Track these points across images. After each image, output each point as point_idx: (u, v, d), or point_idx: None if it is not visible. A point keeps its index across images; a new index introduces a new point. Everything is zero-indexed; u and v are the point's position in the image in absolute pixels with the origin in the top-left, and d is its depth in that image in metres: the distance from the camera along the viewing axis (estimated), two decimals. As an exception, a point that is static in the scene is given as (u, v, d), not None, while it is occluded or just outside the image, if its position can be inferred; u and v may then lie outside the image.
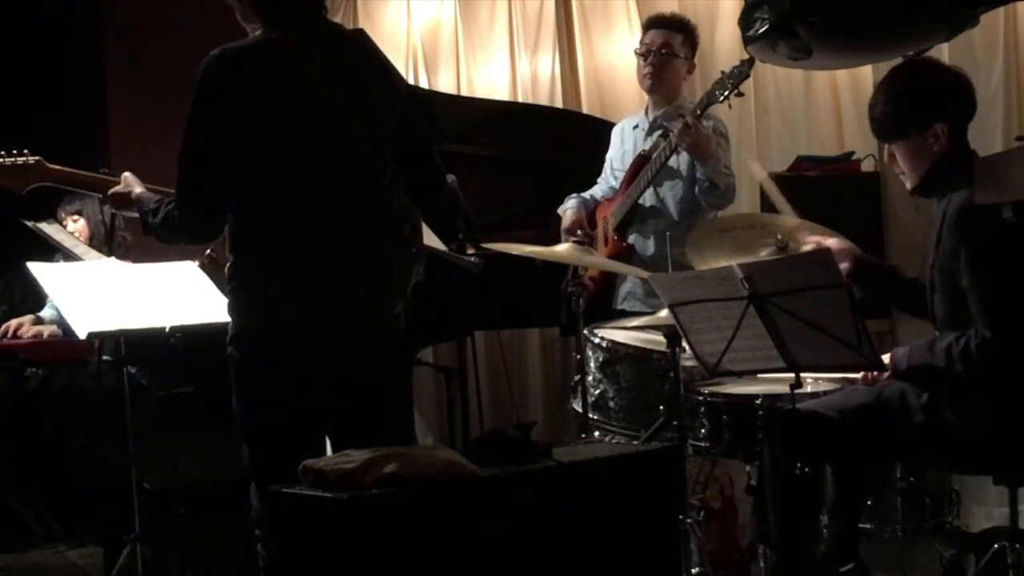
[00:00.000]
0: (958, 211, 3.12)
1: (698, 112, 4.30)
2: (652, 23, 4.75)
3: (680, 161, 4.50)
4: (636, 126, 4.79)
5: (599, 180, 4.90)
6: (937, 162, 3.23)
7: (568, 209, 4.84)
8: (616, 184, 4.78)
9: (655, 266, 4.33)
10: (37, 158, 3.59)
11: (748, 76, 4.28)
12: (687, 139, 4.29)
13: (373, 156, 3.11)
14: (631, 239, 4.61)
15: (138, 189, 3.32)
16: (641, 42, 4.71)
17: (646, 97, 4.80)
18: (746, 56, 4.17)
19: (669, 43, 4.62)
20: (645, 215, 4.62)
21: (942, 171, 3.20)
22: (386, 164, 3.14)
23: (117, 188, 3.38)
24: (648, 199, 4.60)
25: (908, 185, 3.34)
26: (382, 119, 3.14)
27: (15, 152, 3.59)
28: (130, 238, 5.34)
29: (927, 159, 3.24)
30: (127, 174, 3.41)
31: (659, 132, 4.60)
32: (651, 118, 4.71)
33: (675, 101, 4.62)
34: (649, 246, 4.59)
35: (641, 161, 4.59)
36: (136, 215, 3.31)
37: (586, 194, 4.89)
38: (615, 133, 4.90)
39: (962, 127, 3.27)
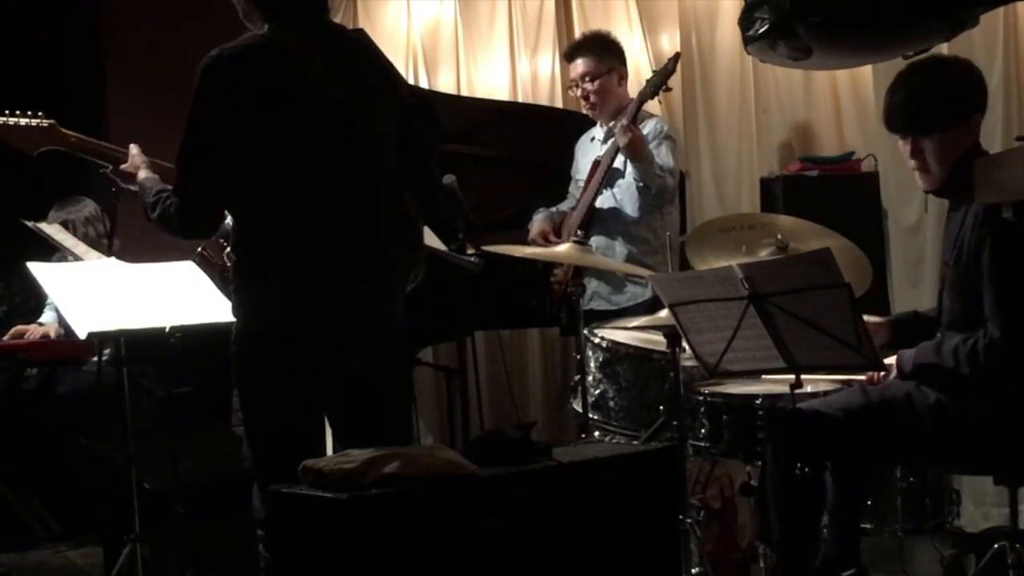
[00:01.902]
0: (988, 206, 3.08)
1: (634, 113, 4.49)
2: (566, 56, 4.93)
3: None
4: (593, 138, 4.91)
5: (568, 195, 4.96)
6: (961, 158, 3.20)
7: (535, 221, 4.92)
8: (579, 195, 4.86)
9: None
10: (51, 121, 3.60)
11: (674, 72, 4.53)
12: (623, 139, 4.48)
13: (374, 158, 3.11)
14: (593, 241, 4.65)
15: (143, 173, 3.32)
16: (569, 77, 4.85)
17: None
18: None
19: (587, 71, 4.74)
20: (605, 217, 4.70)
21: (965, 168, 3.16)
22: (387, 167, 3.14)
23: (125, 166, 3.40)
24: (606, 202, 4.70)
25: (927, 183, 3.29)
26: (384, 121, 3.14)
27: (30, 113, 3.59)
28: (119, 243, 5.33)
29: (957, 154, 3.21)
30: (134, 151, 3.41)
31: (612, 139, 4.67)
32: (605, 129, 4.81)
33: (625, 109, 4.65)
34: (615, 247, 4.67)
35: (596, 167, 4.70)
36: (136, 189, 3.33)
37: (553, 208, 4.95)
38: (577, 148, 4.99)
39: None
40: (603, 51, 4.77)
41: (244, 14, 3.12)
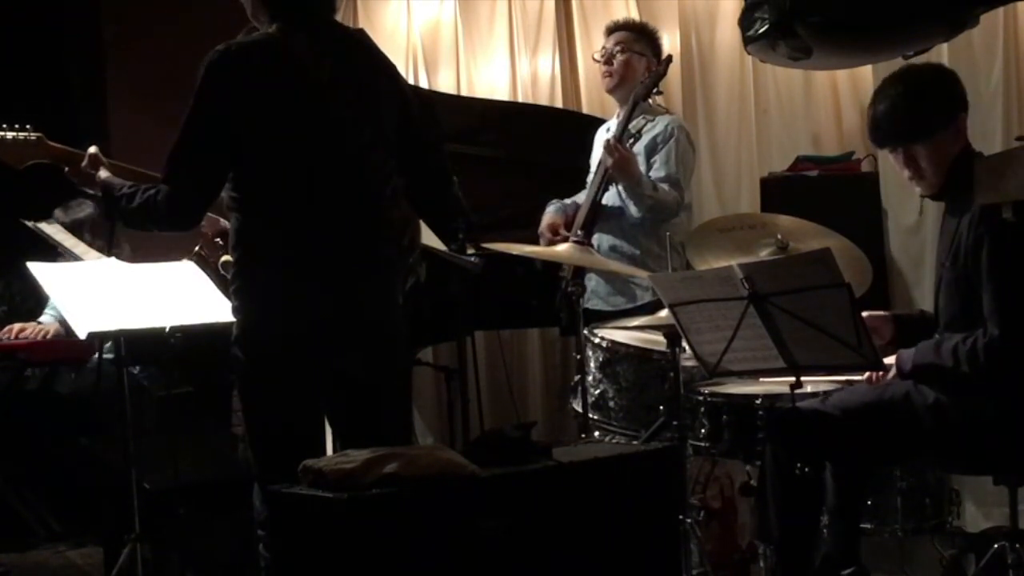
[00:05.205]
0: (986, 205, 3.08)
1: (624, 124, 4.46)
2: (607, 30, 4.84)
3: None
4: (609, 129, 4.83)
5: (587, 186, 4.94)
6: (956, 159, 3.21)
7: (545, 214, 4.87)
8: None
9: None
10: (39, 135, 3.59)
11: (665, 75, 4.53)
12: (608, 159, 4.44)
13: (375, 159, 3.11)
14: (595, 239, 4.63)
15: (104, 172, 3.29)
16: (603, 46, 4.79)
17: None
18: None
19: (622, 40, 4.69)
20: (608, 215, 4.65)
21: (961, 168, 3.16)
22: (387, 168, 3.14)
23: (85, 165, 3.35)
24: (611, 199, 4.64)
25: (926, 189, 3.30)
26: (385, 123, 3.14)
27: (17, 127, 3.59)
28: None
29: (949, 156, 3.22)
30: (93, 151, 3.36)
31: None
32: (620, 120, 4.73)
33: (640, 103, 4.61)
34: (623, 248, 4.63)
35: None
36: (94, 192, 3.30)
37: (568, 200, 4.90)
38: (596, 139, 4.93)
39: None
40: (644, 35, 4.73)
41: (251, 13, 3.12)
